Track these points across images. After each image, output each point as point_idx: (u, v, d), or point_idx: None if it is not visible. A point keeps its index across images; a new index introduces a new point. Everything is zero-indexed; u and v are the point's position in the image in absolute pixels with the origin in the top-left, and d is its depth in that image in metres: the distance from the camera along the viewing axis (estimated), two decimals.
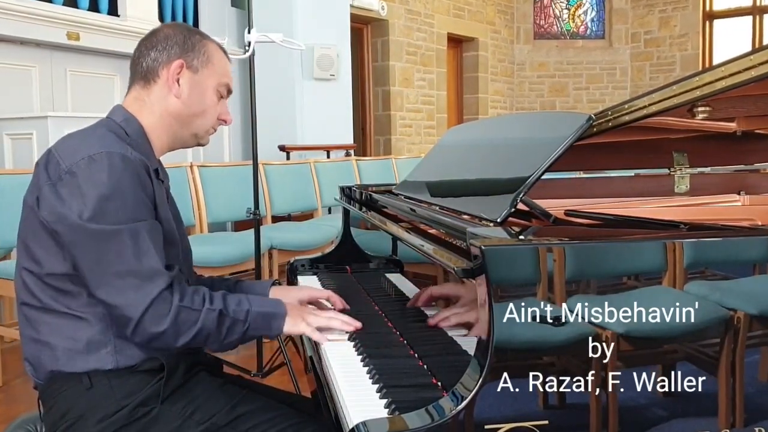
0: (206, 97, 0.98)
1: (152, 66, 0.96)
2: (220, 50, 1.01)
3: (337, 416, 0.80)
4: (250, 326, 0.91)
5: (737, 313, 0.76)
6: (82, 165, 0.84)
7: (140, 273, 0.84)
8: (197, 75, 0.97)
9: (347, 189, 1.59)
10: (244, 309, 0.91)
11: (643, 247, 0.76)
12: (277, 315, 0.94)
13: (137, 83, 0.98)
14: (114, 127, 0.94)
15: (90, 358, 0.88)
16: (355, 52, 5.52)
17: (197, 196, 3.00)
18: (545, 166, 0.90)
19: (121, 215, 0.84)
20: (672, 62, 7.02)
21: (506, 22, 7.27)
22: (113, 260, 0.84)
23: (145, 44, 0.98)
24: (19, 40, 3.24)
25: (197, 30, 1.01)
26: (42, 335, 0.90)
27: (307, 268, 1.47)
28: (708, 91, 0.94)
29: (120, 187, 0.84)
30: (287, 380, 1.86)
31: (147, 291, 0.84)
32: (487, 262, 0.71)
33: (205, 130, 1.00)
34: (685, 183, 1.36)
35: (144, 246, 0.85)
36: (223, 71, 1.00)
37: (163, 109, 0.96)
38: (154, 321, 0.84)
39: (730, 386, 0.75)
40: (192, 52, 0.97)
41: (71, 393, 0.88)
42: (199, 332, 0.87)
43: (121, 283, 0.84)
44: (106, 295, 0.85)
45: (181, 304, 0.86)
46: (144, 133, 0.96)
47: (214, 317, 0.88)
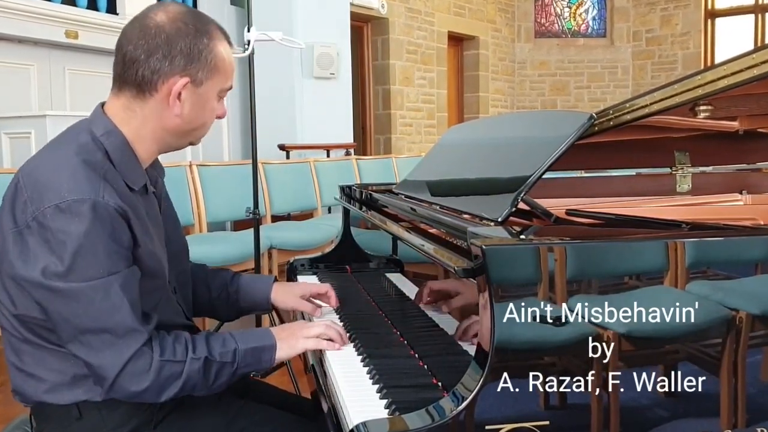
0: (208, 108, 0.88)
1: (150, 78, 0.82)
2: (227, 46, 0.88)
3: (337, 417, 0.80)
4: (239, 365, 0.85)
5: (739, 313, 0.76)
6: (49, 214, 0.76)
7: (114, 330, 0.78)
8: (201, 88, 0.85)
9: (347, 188, 1.59)
10: (230, 349, 0.84)
11: (645, 247, 0.76)
12: (267, 348, 0.87)
13: (128, 89, 0.84)
14: (90, 150, 0.82)
15: (78, 391, 0.84)
16: (355, 50, 5.52)
17: (196, 196, 3.00)
18: (546, 165, 0.89)
19: (92, 271, 0.77)
20: (674, 61, 7.01)
21: (507, 20, 7.26)
22: (84, 319, 0.77)
23: (141, 45, 0.82)
24: (17, 39, 3.23)
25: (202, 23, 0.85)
26: (26, 366, 0.85)
27: (306, 268, 1.47)
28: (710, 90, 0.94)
29: (90, 241, 0.76)
30: (287, 380, 1.86)
31: (122, 349, 0.78)
32: (488, 262, 0.70)
33: (201, 137, 0.92)
34: (687, 182, 1.36)
35: (116, 301, 0.78)
36: (228, 74, 0.88)
37: (157, 124, 0.86)
38: (133, 379, 0.79)
39: (732, 386, 0.75)
40: (198, 63, 0.83)
41: (60, 422, 0.85)
42: (185, 384, 0.81)
43: (95, 340, 0.78)
44: (80, 352, 0.79)
45: (162, 359, 0.80)
46: (128, 147, 0.85)
47: (200, 366, 0.82)
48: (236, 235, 2.83)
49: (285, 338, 0.90)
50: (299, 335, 0.91)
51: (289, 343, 0.89)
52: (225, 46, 0.88)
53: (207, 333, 0.88)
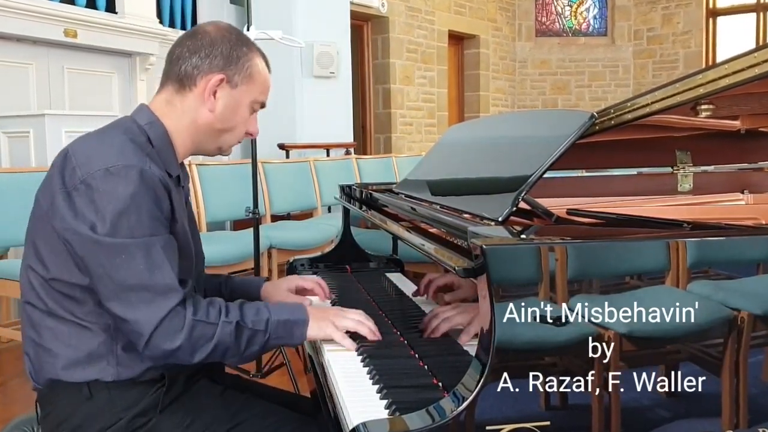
0: (239, 113, 0.95)
1: (191, 73, 0.91)
2: (264, 65, 0.97)
3: (337, 417, 0.80)
4: (271, 336, 0.88)
5: (741, 313, 0.75)
6: (98, 177, 0.82)
7: (153, 287, 0.82)
8: (235, 90, 0.93)
9: (347, 188, 1.59)
10: (263, 318, 0.88)
11: (646, 247, 0.76)
12: (300, 322, 0.90)
13: (171, 85, 0.93)
14: (136, 132, 0.89)
15: (90, 369, 0.87)
16: (355, 49, 5.51)
17: (195, 195, 2.99)
18: (547, 164, 0.89)
19: (136, 230, 0.82)
20: (675, 60, 7.00)
21: (508, 19, 7.25)
22: (125, 274, 0.82)
23: (187, 45, 0.92)
24: (15, 38, 3.22)
25: (245, 38, 0.96)
26: (44, 340, 0.88)
27: (306, 268, 1.47)
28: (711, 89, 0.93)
29: (135, 203, 0.82)
30: (287, 380, 1.86)
31: (159, 306, 0.82)
32: (489, 262, 0.70)
33: (230, 144, 0.98)
34: (689, 182, 1.36)
35: (158, 260, 0.83)
36: (262, 88, 0.96)
37: (193, 118, 0.93)
38: (167, 337, 0.82)
39: (734, 387, 0.75)
40: (235, 66, 0.92)
41: (70, 402, 0.87)
42: (216, 347, 0.84)
43: (134, 297, 0.82)
44: (118, 309, 0.83)
45: (195, 318, 0.83)
46: (168, 137, 0.92)
47: (231, 330, 0.85)
48: (236, 235, 2.82)
49: (318, 319, 0.92)
50: (332, 320, 0.93)
51: (320, 324, 0.92)
52: (262, 62, 0.97)
53: (241, 301, 0.91)
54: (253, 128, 0.98)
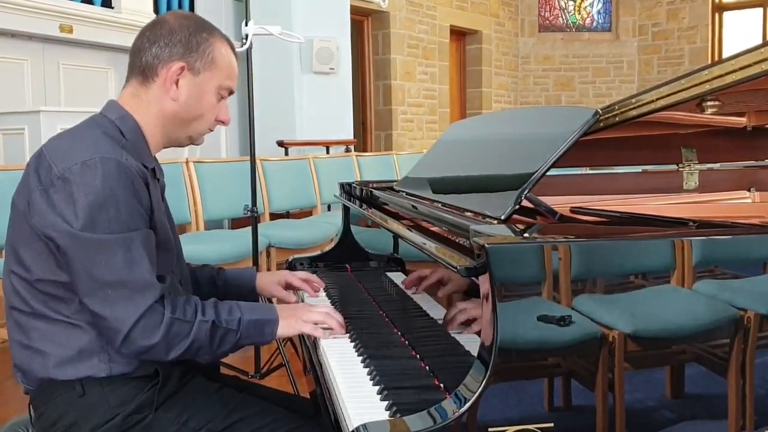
0: (205, 100, 0.94)
1: (152, 63, 0.91)
2: (229, 49, 0.96)
3: (337, 418, 0.79)
4: (242, 335, 0.90)
5: (747, 313, 0.75)
6: (75, 171, 0.81)
7: (131, 284, 0.82)
8: (198, 77, 0.92)
9: (347, 186, 1.58)
10: (236, 318, 0.89)
11: (651, 245, 0.75)
12: (270, 321, 0.92)
13: (135, 78, 0.93)
14: (108, 127, 0.90)
15: (82, 366, 0.86)
16: (355, 45, 5.50)
17: (193, 193, 2.97)
18: (550, 162, 0.88)
19: (114, 224, 0.82)
20: (680, 55, 6.97)
21: (510, 14, 7.22)
22: (104, 270, 0.82)
23: (147, 36, 0.93)
24: (10, 33, 3.21)
25: (206, 24, 0.95)
26: (33, 341, 0.88)
27: (306, 267, 1.46)
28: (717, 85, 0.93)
29: (113, 195, 0.81)
30: (286, 381, 1.86)
31: (137, 303, 0.82)
32: (491, 261, 0.69)
33: (200, 133, 0.97)
34: (694, 179, 1.34)
35: (136, 256, 0.83)
36: (227, 73, 0.95)
37: (159, 109, 0.93)
38: (144, 334, 0.83)
39: (740, 388, 0.74)
40: (196, 53, 0.92)
41: (63, 400, 0.87)
42: (191, 345, 0.86)
43: (112, 294, 0.82)
44: (96, 305, 0.83)
45: (173, 316, 0.84)
46: (140, 131, 0.92)
47: (207, 328, 0.87)
48: (234, 234, 2.81)
49: (287, 317, 0.95)
50: (300, 317, 0.95)
51: (289, 322, 0.94)
52: (226, 47, 0.96)
53: (215, 300, 0.92)
54: (223, 116, 0.97)
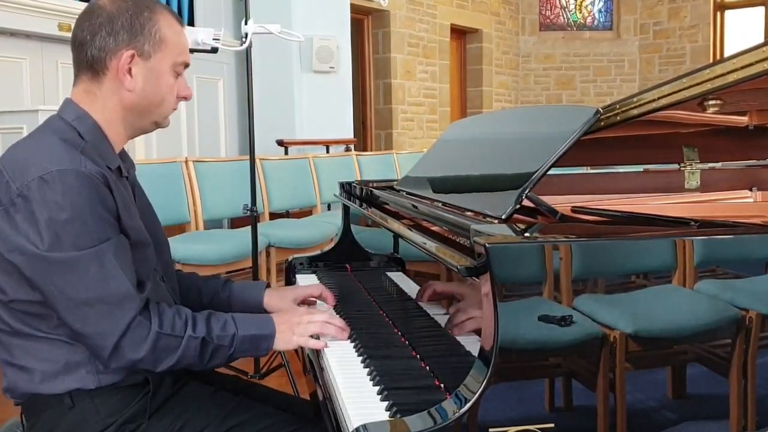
0: (162, 83, 0.89)
1: (98, 56, 0.85)
2: (174, 22, 0.90)
3: (337, 419, 0.79)
4: (236, 350, 0.88)
5: (749, 313, 0.75)
6: (34, 187, 0.77)
7: (108, 298, 0.79)
8: (150, 61, 0.87)
9: (347, 185, 1.58)
10: (229, 333, 0.87)
11: (652, 245, 0.75)
12: (265, 336, 0.89)
13: (84, 74, 0.87)
14: (65, 130, 0.85)
15: (70, 379, 0.84)
16: (356, 43, 5.49)
17: (192, 192, 2.95)
18: (551, 161, 0.88)
19: (82, 239, 0.78)
20: (682, 54, 6.95)
21: (511, 12, 7.21)
22: (79, 288, 0.78)
23: (86, 26, 0.86)
24: (8, 32, 3.19)
25: (144, 1, 0.88)
26: (16, 359, 0.85)
27: (305, 267, 1.45)
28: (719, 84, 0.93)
29: (76, 209, 0.77)
30: (285, 382, 1.86)
31: (117, 317, 0.80)
32: (492, 261, 0.69)
33: (165, 116, 0.92)
34: (696, 179, 1.34)
35: (110, 268, 0.79)
36: (179, 49, 0.89)
37: (117, 102, 0.87)
38: (130, 347, 0.81)
39: (742, 388, 0.74)
40: (142, 36, 0.86)
41: (53, 413, 0.85)
42: (180, 359, 0.84)
43: (90, 312, 0.79)
44: (76, 324, 0.80)
45: (160, 331, 0.82)
46: (99, 129, 0.87)
47: (197, 344, 0.84)
48: (233, 233, 2.80)
49: (282, 331, 0.92)
50: (295, 332, 0.92)
51: (284, 336, 0.91)
52: (170, 20, 0.90)
53: (209, 312, 0.89)
54: (183, 91, 0.92)
